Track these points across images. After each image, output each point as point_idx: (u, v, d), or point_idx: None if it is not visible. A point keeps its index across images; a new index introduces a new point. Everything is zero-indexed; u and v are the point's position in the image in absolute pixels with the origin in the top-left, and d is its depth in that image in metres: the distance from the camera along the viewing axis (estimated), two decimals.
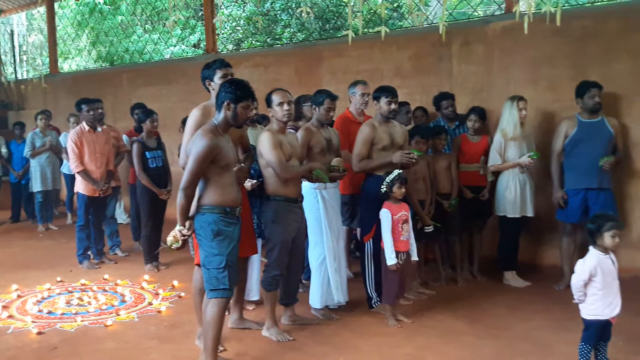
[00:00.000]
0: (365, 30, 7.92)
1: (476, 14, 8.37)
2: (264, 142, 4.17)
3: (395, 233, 4.44)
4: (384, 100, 4.70)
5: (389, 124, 4.78)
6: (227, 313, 4.07)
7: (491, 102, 6.11)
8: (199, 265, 3.85)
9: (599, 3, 6.43)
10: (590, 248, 3.46)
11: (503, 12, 6.42)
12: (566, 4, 6.19)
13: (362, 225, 4.93)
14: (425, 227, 5.04)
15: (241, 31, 13.00)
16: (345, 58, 7.28)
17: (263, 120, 5.64)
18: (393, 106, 4.73)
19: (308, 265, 4.87)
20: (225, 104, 3.51)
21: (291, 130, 5.18)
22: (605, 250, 3.42)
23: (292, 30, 12.23)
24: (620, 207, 5.42)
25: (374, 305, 4.76)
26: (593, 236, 3.44)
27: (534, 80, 6.01)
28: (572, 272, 3.52)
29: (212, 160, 3.45)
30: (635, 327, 4.16)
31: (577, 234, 5.27)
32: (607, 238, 3.39)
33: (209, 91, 4.03)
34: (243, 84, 3.59)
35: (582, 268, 3.42)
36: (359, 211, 5.10)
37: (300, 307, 4.65)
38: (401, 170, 4.54)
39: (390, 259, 4.40)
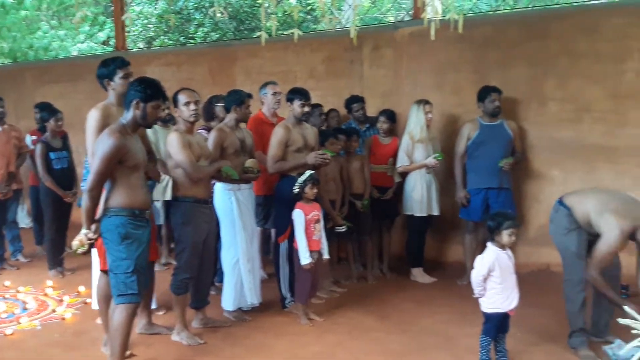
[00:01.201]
0: (280, 32, 7.94)
1: (387, 19, 8.60)
2: (172, 143, 4.11)
3: (308, 233, 4.50)
4: (297, 103, 4.75)
5: (301, 126, 4.84)
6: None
7: (400, 105, 6.29)
8: (103, 271, 3.75)
9: (499, 12, 6.78)
10: (489, 244, 3.67)
11: (411, 18, 6.63)
12: (470, 12, 6.47)
13: (277, 226, 4.96)
14: (337, 227, 5.14)
15: (153, 29, 12.67)
16: (259, 59, 7.27)
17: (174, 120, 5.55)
18: (306, 109, 4.79)
19: (220, 267, 4.84)
20: (135, 103, 3.43)
21: (202, 131, 5.14)
22: (502, 246, 3.63)
23: (205, 29, 12.06)
24: (519, 205, 5.76)
25: (287, 306, 4.80)
26: (492, 233, 3.65)
27: (440, 85, 6.26)
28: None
29: (120, 160, 3.36)
30: (532, 319, 4.41)
31: (479, 231, 5.54)
32: (505, 236, 3.60)
33: (106, 90, 3.93)
34: (154, 83, 3.52)
35: (481, 263, 3.62)
36: (274, 212, 5.13)
37: (212, 310, 4.61)
38: (313, 171, 4.60)
39: (304, 258, 4.46)
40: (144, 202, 3.51)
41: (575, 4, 6.06)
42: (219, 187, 4.56)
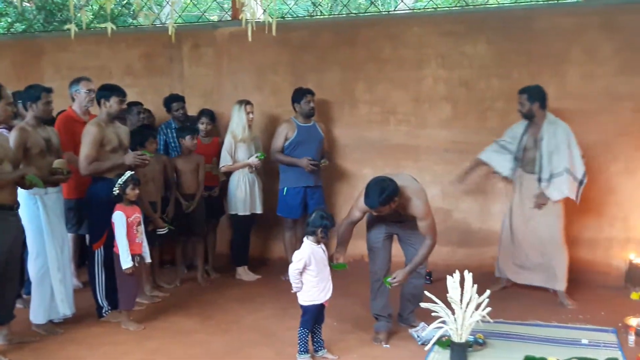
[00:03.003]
0: (93, 25, 7.53)
1: (208, 18, 8.54)
2: None
3: (130, 235, 4.35)
4: (114, 100, 4.53)
5: (114, 124, 4.63)
6: None
7: (221, 105, 6.32)
8: None
9: (315, 17, 7.09)
10: (305, 239, 3.84)
11: (231, 18, 6.67)
12: (287, 16, 6.68)
13: (91, 232, 4.70)
14: (158, 230, 5.02)
15: None
16: (70, 53, 6.82)
17: None
18: (124, 105, 4.62)
19: (28, 278, 4.47)
20: None
21: (3, 131, 4.70)
22: (317, 241, 3.82)
23: (9, 19, 10.98)
24: (334, 202, 6.10)
25: (104, 314, 4.59)
26: (308, 228, 3.82)
27: (260, 86, 6.39)
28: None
29: None
30: (345, 309, 4.71)
31: (298, 228, 5.76)
32: (319, 233, 3.79)
33: None
34: None
35: (298, 258, 3.78)
36: (87, 217, 4.85)
37: (19, 325, 4.25)
38: (133, 172, 4.45)
39: (127, 262, 4.31)
40: None
41: (382, 13, 6.53)
42: (22, 192, 4.20)
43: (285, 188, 5.71)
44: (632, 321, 4.28)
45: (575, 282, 5.50)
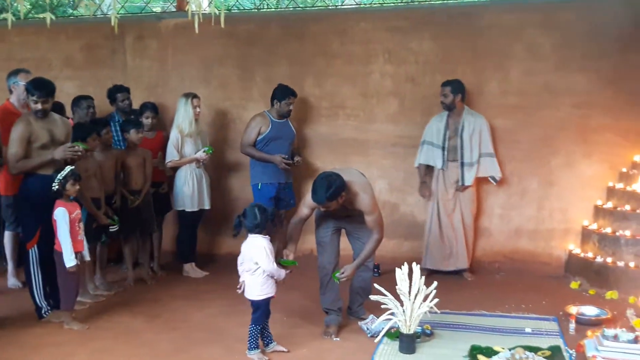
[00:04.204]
0: (32, 15, 7.25)
1: (151, 9, 8.34)
2: None
3: (72, 233, 4.22)
4: (31, 98, 4.29)
5: (49, 119, 4.40)
6: None
7: (166, 98, 6.20)
8: None
9: (263, 10, 7.02)
10: (257, 236, 3.76)
11: (175, 9, 6.53)
12: (234, 8, 6.59)
13: (24, 231, 4.51)
14: (111, 227, 4.95)
15: None
16: (7, 44, 6.57)
17: None
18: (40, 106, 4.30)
19: None
20: None
21: None
22: (267, 233, 3.78)
23: None
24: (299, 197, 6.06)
25: (44, 315, 4.41)
26: (257, 223, 3.77)
27: (207, 79, 6.29)
28: None
29: None
30: (294, 303, 4.71)
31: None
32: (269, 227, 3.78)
33: None
34: None
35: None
36: (20, 215, 4.65)
37: None
38: (73, 167, 4.30)
39: (71, 261, 4.18)
40: None
41: (329, 7, 6.53)
42: None
43: (260, 183, 5.57)
44: (573, 309, 4.44)
45: (517, 272, 5.72)
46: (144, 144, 5.52)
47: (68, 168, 4.24)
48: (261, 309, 3.79)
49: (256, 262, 3.72)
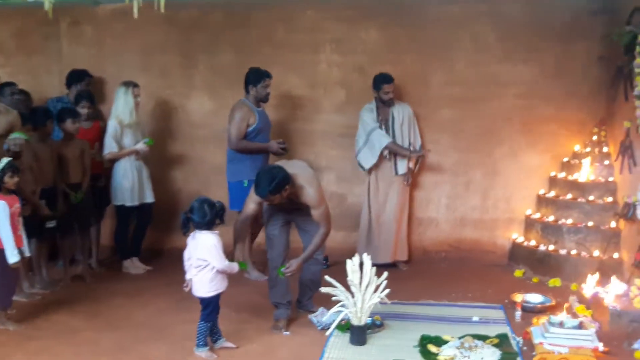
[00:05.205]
0: None
1: None
2: None
3: (13, 227, 4.01)
4: None
5: None
6: None
7: (104, 87, 5.93)
8: None
9: None
10: (206, 232, 3.62)
11: None
12: None
13: None
14: (48, 223, 4.75)
15: None
16: None
17: None
18: None
19: None
20: None
21: None
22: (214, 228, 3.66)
23: None
24: None
25: None
26: (206, 220, 3.63)
27: (147, 67, 6.06)
28: None
29: None
30: (242, 298, 4.60)
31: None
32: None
33: None
34: None
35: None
36: None
37: None
38: (11, 158, 4.07)
39: (14, 257, 3.99)
40: None
41: None
42: None
43: (247, 180, 5.04)
44: (518, 297, 4.51)
45: (463, 261, 5.80)
46: (80, 134, 5.25)
47: (5, 160, 4.03)
48: (211, 305, 3.69)
49: (205, 259, 3.60)
